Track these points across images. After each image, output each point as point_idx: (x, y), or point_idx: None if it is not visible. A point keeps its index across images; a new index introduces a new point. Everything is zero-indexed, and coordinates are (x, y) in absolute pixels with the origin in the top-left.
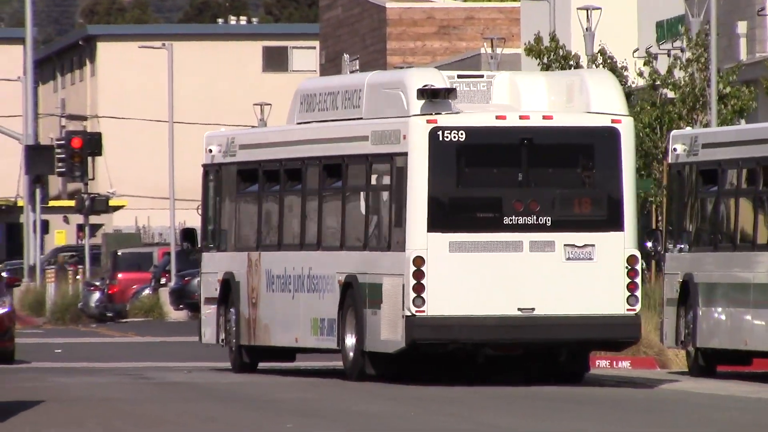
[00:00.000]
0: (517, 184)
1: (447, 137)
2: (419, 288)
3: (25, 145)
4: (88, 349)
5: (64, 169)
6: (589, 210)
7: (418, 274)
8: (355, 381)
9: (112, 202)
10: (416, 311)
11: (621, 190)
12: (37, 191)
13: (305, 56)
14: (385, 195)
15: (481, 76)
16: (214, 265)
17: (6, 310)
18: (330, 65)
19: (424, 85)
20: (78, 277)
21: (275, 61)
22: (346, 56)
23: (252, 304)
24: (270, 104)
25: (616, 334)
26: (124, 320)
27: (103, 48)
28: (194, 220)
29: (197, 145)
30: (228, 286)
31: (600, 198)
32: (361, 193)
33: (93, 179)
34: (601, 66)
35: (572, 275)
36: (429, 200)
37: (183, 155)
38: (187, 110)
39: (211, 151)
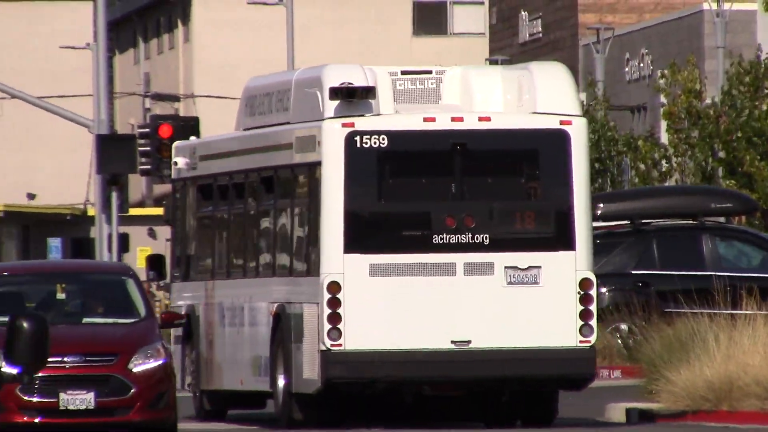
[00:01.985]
0: (449, 197)
1: (366, 143)
2: (335, 318)
3: (97, 135)
4: None
5: (149, 167)
6: (534, 226)
7: (334, 303)
8: (285, 429)
9: None
10: (332, 345)
11: (571, 202)
12: (113, 196)
13: (470, 15)
14: (306, 211)
15: (429, 72)
16: (181, 297)
17: (160, 362)
18: (503, 26)
19: (340, 83)
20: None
21: (430, 21)
22: (523, 14)
23: (209, 341)
24: None
25: (566, 369)
26: None
27: (200, 4)
28: None
29: None
30: (190, 321)
31: (546, 212)
32: (287, 209)
33: None
34: None
35: (514, 302)
36: (345, 216)
37: None
38: None
39: (176, 164)
